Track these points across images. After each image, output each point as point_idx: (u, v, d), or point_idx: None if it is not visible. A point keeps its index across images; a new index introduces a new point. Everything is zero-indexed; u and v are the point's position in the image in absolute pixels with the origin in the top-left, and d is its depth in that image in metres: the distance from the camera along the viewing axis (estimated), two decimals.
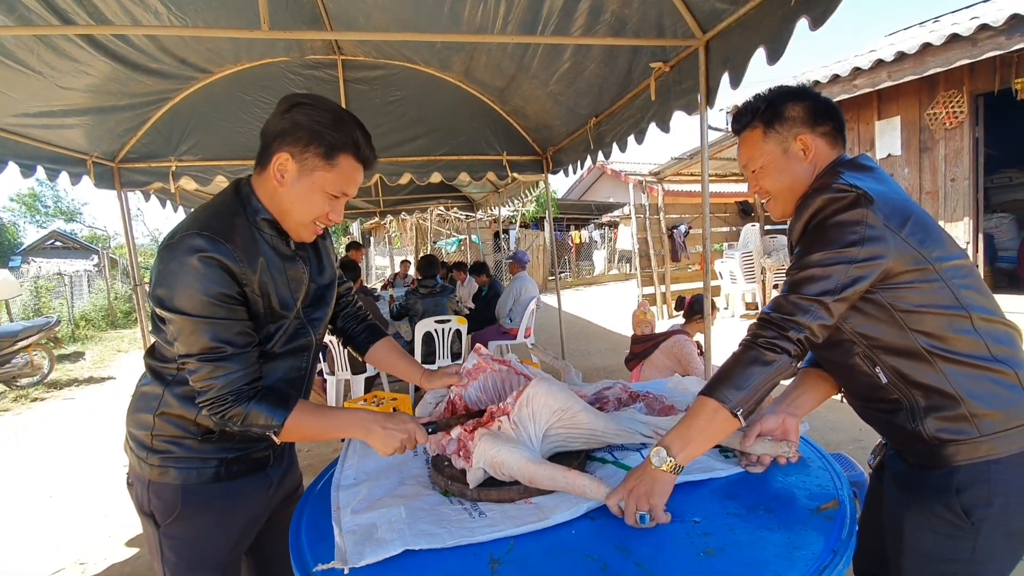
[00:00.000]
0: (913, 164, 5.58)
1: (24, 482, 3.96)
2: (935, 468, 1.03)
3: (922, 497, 1.05)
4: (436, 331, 4.44)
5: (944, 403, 1.00)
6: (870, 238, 0.96)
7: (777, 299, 1.03)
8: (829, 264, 0.97)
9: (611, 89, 3.25)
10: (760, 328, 1.02)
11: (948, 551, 1.02)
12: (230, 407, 1.03)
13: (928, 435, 1.01)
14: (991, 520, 0.99)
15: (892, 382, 1.04)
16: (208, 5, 2.83)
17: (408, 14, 3.18)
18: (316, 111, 1.06)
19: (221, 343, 1.02)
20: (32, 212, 28.52)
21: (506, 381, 1.34)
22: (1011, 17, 4.13)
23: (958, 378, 0.99)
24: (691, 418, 1.02)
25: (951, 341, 1.00)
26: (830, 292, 0.97)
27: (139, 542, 2.86)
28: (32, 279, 11.86)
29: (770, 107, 1.15)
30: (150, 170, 3.95)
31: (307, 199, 1.09)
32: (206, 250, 1.00)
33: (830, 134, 1.14)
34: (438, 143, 4.45)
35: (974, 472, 0.99)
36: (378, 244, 19.50)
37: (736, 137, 1.23)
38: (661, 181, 9.34)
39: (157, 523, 1.16)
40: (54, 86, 2.81)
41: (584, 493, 1.02)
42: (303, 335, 1.22)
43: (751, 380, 0.99)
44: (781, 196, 1.17)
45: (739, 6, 2.09)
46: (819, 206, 1.01)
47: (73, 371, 8.21)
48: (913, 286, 1.00)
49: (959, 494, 1.00)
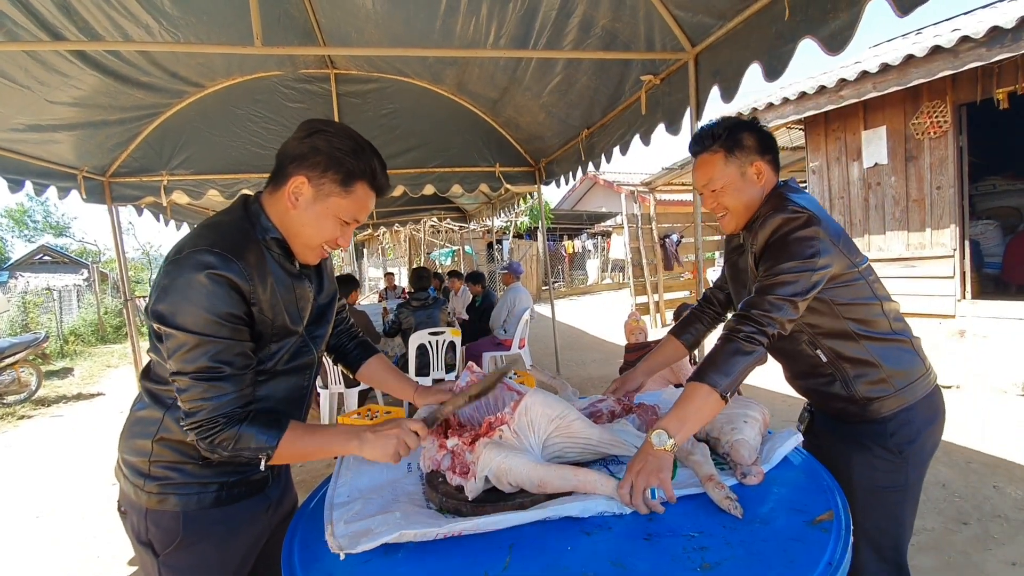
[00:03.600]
0: (900, 173, 5.66)
1: (10, 501, 3.88)
2: (868, 422, 1.33)
3: (863, 445, 1.34)
4: (430, 343, 4.42)
5: (868, 371, 1.31)
6: (823, 251, 1.19)
7: (753, 299, 1.21)
8: (798, 272, 1.18)
9: (602, 101, 3.28)
10: (740, 323, 1.20)
11: (889, 482, 1.33)
12: (221, 431, 0.99)
13: (860, 397, 1.32)
14: (914, 451, 1.32)
15: (830, 360, 1.33)
16: (200, 20, 2.83)
17: (400, 29, 3.20)
18: (337, 138, 1.07)
19: (220, 363, 0.99)
20: (21, 226, 28.27)
21: (499, 398, 1.33)
22: (991, 29, 4.22)
23: (876, 350, 1.31)
24: (685, 401, 1.15)
25: (870, 324, 1.31)
26: (799, 294, 1.18)
27: (128, 562, 2.80)
28: (20, 294, 11.72)
29: (730, 135, 1.33)
30: (142, 184, 3.94)
31: (319, 223, 1.09)
32: (216, 267, 0.97)
33: (773, 161, 1.37)
34: (431, 155, 4.47)
35: (900, 419, 1.31)
36: (371, 256, 19.46)
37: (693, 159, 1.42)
38: (653, 191, 9.42)
39: (156, 552, 1.12)
40: (42, 100, 2.80)
41: (596, 489, 1.05)
42: (306, 353, 1.20)
43: (735, 367, 1.16)
44: (737, 213, 1.36)
45: (727, 20, 2.12)
46: (779, 224, 1.23)
47: (62, 387, 8.09)
48: (846, 285, 1.27)
49: (892, 436, 1.31)
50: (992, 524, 2.53)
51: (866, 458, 1.33)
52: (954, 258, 5.35)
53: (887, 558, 1.37)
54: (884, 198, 5.82)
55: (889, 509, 1.35)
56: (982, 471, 3.04)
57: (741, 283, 1.47)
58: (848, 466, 1.35)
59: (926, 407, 1.33)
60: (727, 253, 1.58)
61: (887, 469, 1.32)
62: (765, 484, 1.13)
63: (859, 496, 1.32)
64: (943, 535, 2.46)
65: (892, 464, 1.32)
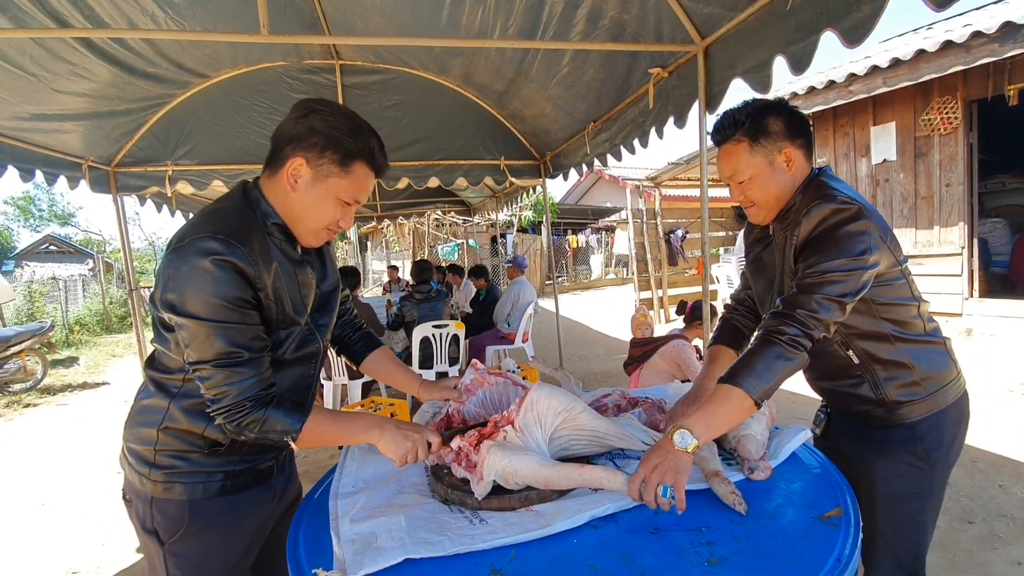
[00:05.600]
0: (908, 169, 5.61)
1: (16, 489, 3.92)
2: (898, 426, 1.26)
3: (889, 451, 1.27)
4: (434, 336, 4.42)
5: (901, 373, 1.24)
6: (873, 247, 1.10)
7: (797, 297, 1.10)
8: (848, 270, 1.08)
9: (610, 94, 3.25)
10: (782, 324, 1.09)
11: (914, 490, 1.27)
12: (247, 414, 1.00)
13: (890, 400, 1.25)
14: (942, 457, 1.26)
15: (862, 361, 1.25)
16: (206, 10, 2.82)
17: (406, 19, 3.18)
18: (333, 117, 1.05)
19: (237, 348, 0.99)
20: (26, 216, 28.37)
21: (504, 394, 1.33)
22: (1004, 24, 4.17)
23: (911, 352, 1.23)
24: (716, 404, 1.06)
25: (907, 325, 1.23)
26: (848, 294, 1.09)
27: (133, 550, 2.82)
28: (26, 283, 11.81)
29: (753, 121, 1.21)
30: (146, 174, 3.93)
31: (320, 205, 1.08)
32: (220, 253, 0.96)
33: (805, 146, 1.24)
34: (436, 148, 4.44)
35: (929, 423, 1.25)
36: (375, 249, 19.47)
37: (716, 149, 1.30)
38: (658, 186, 9.37)
39: (161, 541, 1.12)
40: (49, 89, 2.79)
41: (602, 485, 1.03)
42: (311, 342, 1.20)
43: (775, 374, 1.07)
44: (767, 205, 1.26)
45: (737, 12, 2.09)
46: (827, 215, 1.11)
47: (67, 376, 8.14)
48: (889, 284, 1.19)
49: (921, 441, 1.25)
50: (998, 523, 2.52)
51: (892, 464, 1.27)
52: (962, 256, 5.31)
53: (904, 564, 1.32)
54: (892, 195, 5.77)
55: (911, 516, 1.29)
56: (988, 470, 3.02)
57: (768, 278, 1.36)
58: (872, 472, 1.29)
59: (955, 412, 1.27)
60: (748, 245, 1.45)
61: (913, 476, 1.26)
62: (773, 479, 1.12)
63: (881, 502, 1.28)
64: (948, 534, 2.45)
65: (919, 471, 1.26)
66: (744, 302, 1.55)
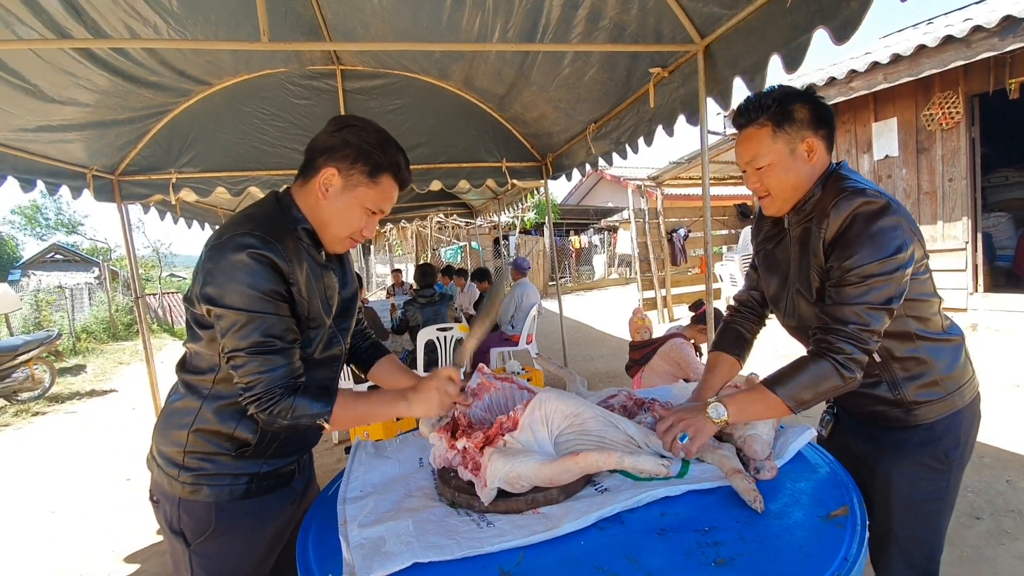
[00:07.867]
0: (911, 165, 5.59)
1: (26, 497, 3.94)
2: (914, 427, 1.22)
3: (906, 452, 1.24)
4: (438, 339, 4.43)
5: (920, 372, 1.20)
6: (907, 241, 1.06)
7: (845, 309, 1.06)
8: (888, 272, 1.04)
9: (611, 95, 3.26)
10: (837, 339, 1.06)
11: (932, 493, 1.24)
12: (278, 401, 1.04)
13: (908, 400, 1.21)
14: (959, 458, 1.23)
15: (883, 360, 1.20)
16: (207, 19, 2.84)
17: (407, 24, 3.19)
18: (365, 132, 1.15)
19: (271, 338, 1.04)
20: (33, 224, 28.49)
21: (510, 398, 1.34)
22: (1004, 18, 4.16)
23: (931, 350, 1.19)
24: (755, 401, 1.12)
25: (928, 322, 1.19)
26: (895, 298, 1.06)
27: (142, 557, 2.84)
28: (32, 292, 11.84)
29: (780, 106, 1.16)
30: (150, 182, 3.95)
31: (347, 213, 1.15)
32: (257, 247, 1.02)
33: (827, 138, 1.20)
34: (438, 151, 4.46)
35: (946, 423, 1.21)
36: (379, 252, 19.50)
37: (737, 133, 1.24)
38: (660, 185, 9.36)
39: (188, 541, 1.16)
40: (52, 101, 2.81)
41: (600, 467, 1.06)
42: (336, 344, 1.25)
43: (822, 391, 1.08)
44: (783, 195, 1.21)
45: (737, 11, 2.10)
46: (858, 207, 1.06)
47: (75, 384, 8.19)
48: (916, 278, 1.13)
49: (939, 442, 1.21)
50: (1005, 519, 2.51)
51: (909, 466, 1.24)
52: (966, 251, 5.29)
53: (917, 566, 1.29)
54: (895, 191, 5.75)
55: (928, 518, 1.27)
56: (995, 466, 3.01)
57: (782, 275, 1.31)
58: (888, 474, 1.25)
59: (970, 412, 1.25)
60: (759, 243, 1.40)
61: (930, 478, 1.23)
62: (779, 479, 1.13)
63: (897, 505, 1.25)
64: (956, 530, 2.44)
65: (937, 472, 1.23)
66: (747, 303, 1.51)
